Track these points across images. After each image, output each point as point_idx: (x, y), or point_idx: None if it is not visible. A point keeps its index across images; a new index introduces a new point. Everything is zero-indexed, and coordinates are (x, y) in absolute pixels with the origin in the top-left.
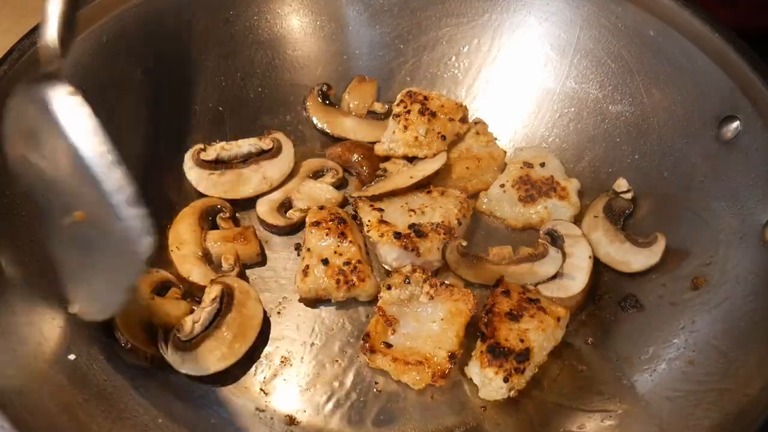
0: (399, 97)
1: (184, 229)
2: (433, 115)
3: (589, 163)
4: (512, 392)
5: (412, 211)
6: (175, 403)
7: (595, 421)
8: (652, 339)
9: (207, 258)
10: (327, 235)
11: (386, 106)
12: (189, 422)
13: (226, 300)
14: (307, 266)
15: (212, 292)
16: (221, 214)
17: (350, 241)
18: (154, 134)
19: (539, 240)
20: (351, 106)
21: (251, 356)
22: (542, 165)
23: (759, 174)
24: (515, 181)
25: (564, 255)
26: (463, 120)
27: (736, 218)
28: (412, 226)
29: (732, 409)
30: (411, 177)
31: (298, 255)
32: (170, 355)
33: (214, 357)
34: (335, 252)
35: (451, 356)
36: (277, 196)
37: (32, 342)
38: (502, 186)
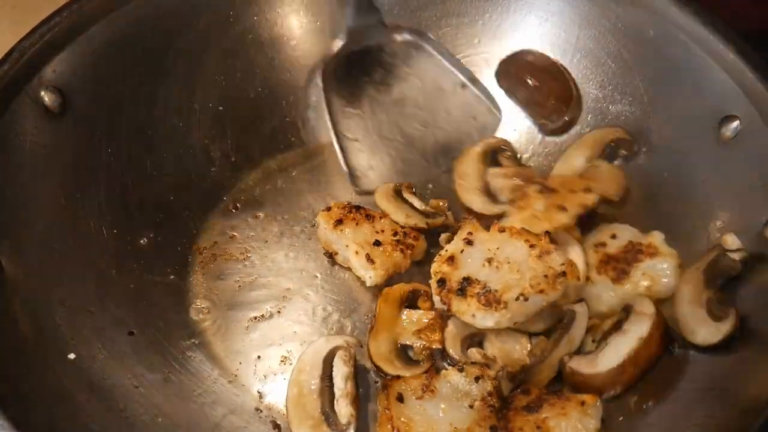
0: (512, 184)
1: (467, 165)
2: (553, 191)
3: None
4: None
5: (490, 260)
6: (175, 402)
7: None
8: None
9: (486, 191)
10: (357, 224)
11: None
12: (189, 421)
13: None
14: (368, 254)
15: None
16: (503, 153)
17: (380, 217)
18: (153, 135)
19: (564, 308)
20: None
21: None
22: (613, 237)
23: (759, 173)
24: (598, 267)
25: (620, 330)
26: (588, 190)
27: (736, 217)
28: (465, 280)
29: (732, 409)
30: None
31: (332, 265)
32: None
33: None
34: (377, 232)
35: None
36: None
37: (32, 341)
38: (588, 279)
